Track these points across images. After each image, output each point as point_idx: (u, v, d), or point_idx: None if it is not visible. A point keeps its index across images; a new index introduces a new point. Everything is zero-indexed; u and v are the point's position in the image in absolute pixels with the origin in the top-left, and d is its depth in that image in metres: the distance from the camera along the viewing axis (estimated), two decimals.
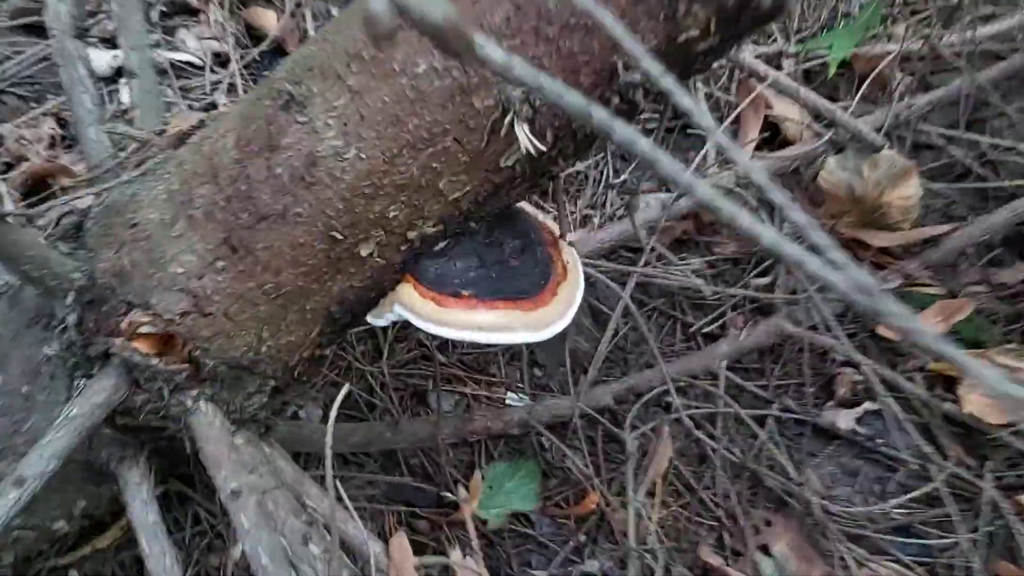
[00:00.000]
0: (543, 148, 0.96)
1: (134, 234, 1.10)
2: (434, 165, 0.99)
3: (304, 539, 1.10)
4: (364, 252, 1.08)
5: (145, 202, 1.11)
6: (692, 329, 1.88)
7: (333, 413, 1.06)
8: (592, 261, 1.78)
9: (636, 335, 1.95)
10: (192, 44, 2.36)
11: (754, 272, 1.93)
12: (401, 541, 1.28)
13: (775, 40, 2.49)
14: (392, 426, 1.66)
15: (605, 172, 2.22)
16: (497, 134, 0.96)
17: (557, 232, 1.29)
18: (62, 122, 2.10)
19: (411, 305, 1.11)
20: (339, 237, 1.05)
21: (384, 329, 1.95)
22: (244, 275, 1.08)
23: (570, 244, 1.30)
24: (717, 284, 1.95)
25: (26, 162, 1.88)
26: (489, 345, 1.96)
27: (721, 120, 2.14)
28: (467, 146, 0.98)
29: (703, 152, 2.00)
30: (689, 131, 2.36)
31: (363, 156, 1.00)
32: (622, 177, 2.22)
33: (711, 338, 1.90)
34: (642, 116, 2.35)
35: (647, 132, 2.33)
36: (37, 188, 1.90)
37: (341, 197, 1.02)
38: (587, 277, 2.00)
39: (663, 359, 1.80)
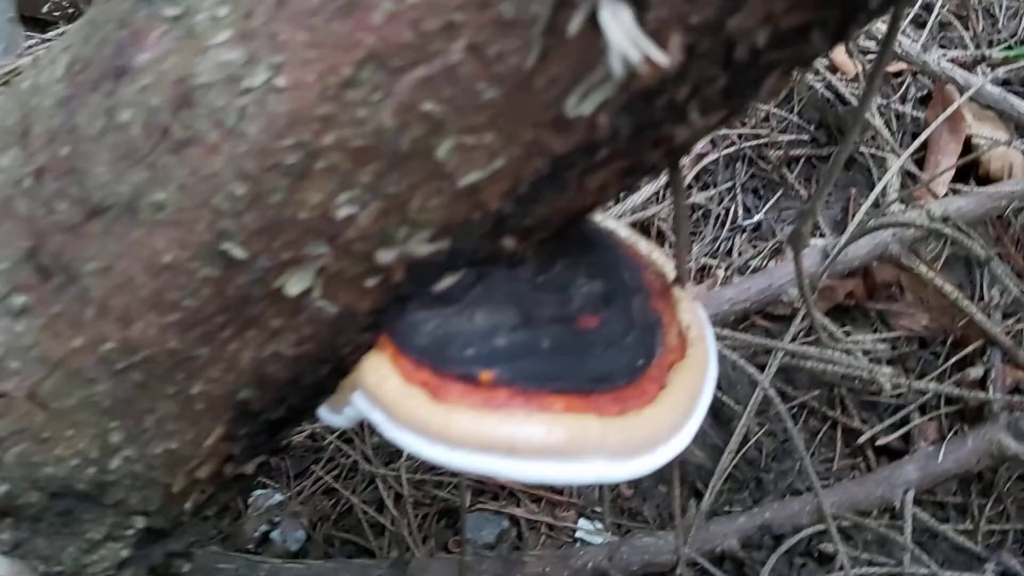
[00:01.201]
0: (666, 63, 0.43)
1: None
2: (428, 107, 0.49)
3: None
4: (293, 288, 0.57)
5: None
6: (860, 440, 1.35)
7: None
8: (720, 330, 1.22)
9: (776, 444, 1.39)
10: None
11: (955, 359, 1.34)
12: None
13: (964, 46, 1.92)
14: (398, 566, 1.13)
15: (732, 209, 1.67)
16: (560, 38, 0.45)
17: (669, 274, 0.75)
18: None
19: (382, 395, 0.58)
20: (239, 255, 0.54)
21: None
22: (65, 323, 0.60)
23: (693, 296, 0.76)
24: (899, 373, 1.35)
25: None
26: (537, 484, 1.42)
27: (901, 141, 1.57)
28: (495, 63, 0.48)
29: (882, 183, 1.43)
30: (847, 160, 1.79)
31: (283, 84, 0.50)
32: (756, 217, 1.67)
33: (889, 454, 1.45)
34: (786, 141, 1.80)
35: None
36: None
37: (240, 172, 0.53)
38: None
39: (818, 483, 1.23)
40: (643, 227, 1.64)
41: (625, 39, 0.44)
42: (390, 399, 0.60)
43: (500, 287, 0.64)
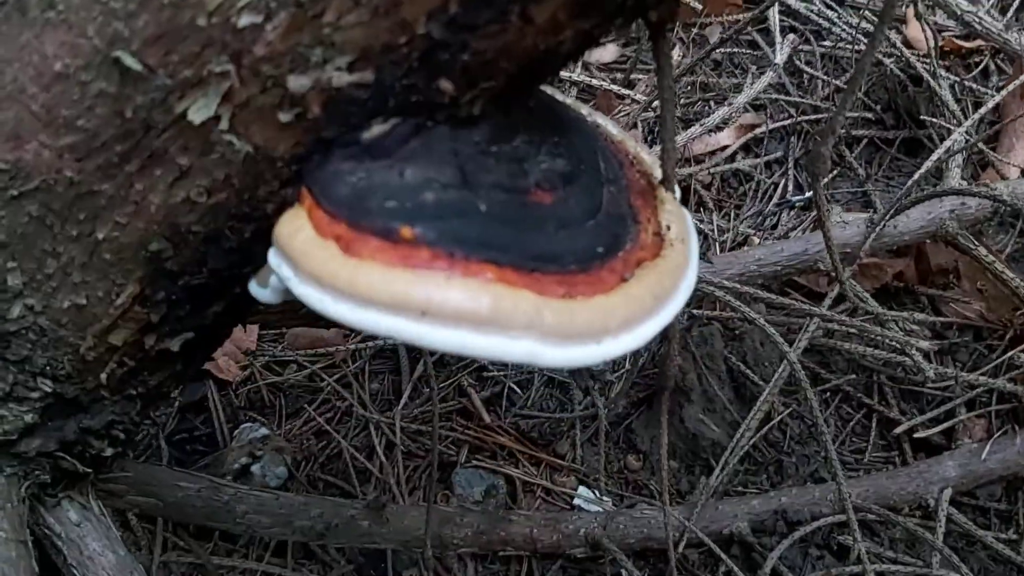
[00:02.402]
0: None
1: None
2: None
3: None
4: (197, 115, 0.51)
5: None
6: (898, 430, 1.32)
7: None
8: (741, 288, 1.13)
9: (802, 426, 1.28)
10: None
11: (1012, 353, 1.22)
12: None
13: None
14: (373, 511, 1.06)
15: (783, 182, 1.56)
16: None
17: (654, 175, 0.67)
18: None
19: (291, 247, 0.51)
20: (134, 66, 0.49)
21: (401, 350, 1.36)
22: None
23: (680, 200, 0.67)
24: (946, 364, 1.26)
25: None
26: (460, 357, 1.33)
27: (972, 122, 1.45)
28: None
29: (941, 149, 1.31)
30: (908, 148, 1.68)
31: None
32: (808, 193, 1.56)
33: (929, 448, 1.34)
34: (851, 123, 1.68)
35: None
36: None
37: None
38: (730, 323, 1.33)
39: (843, 472, 1.12)
40: (681, 189, 1.54)
41: None
42: (299, 251, 0.54)
43: (440, 145, 0.57)
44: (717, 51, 1.85)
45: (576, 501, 1.26)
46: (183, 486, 1.03)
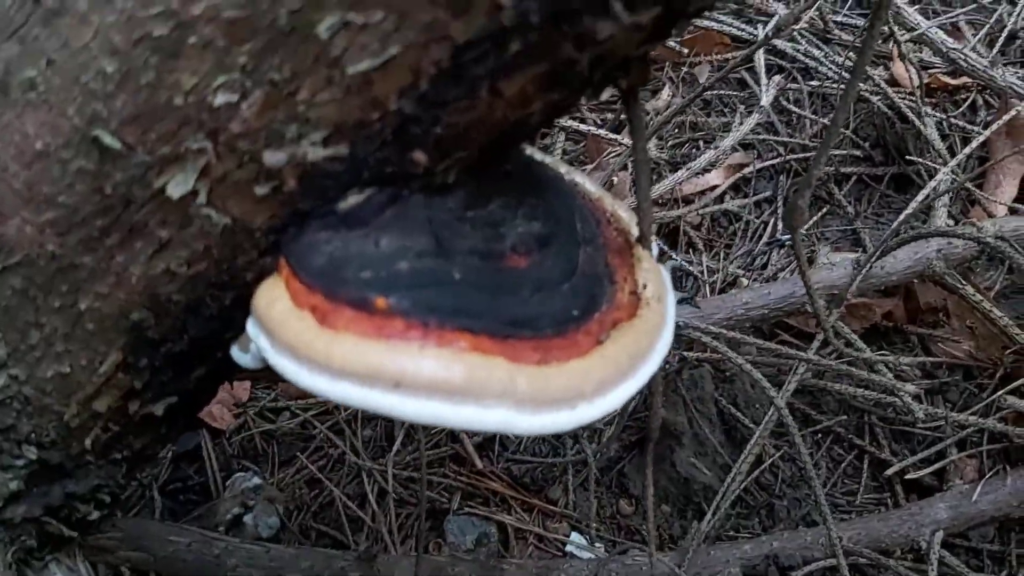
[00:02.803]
0: None
1: None
2: None
3: None
4: (175, 190, 0.52)
5: None
6: (889, 471, 1.30)
7: None
8: (728, 333, 1.13)
9: (794, 469, 1.29)
10: None
11: (1001, 392, 1.22)
12: None
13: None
14: (365, 562, 1.06)
15: (772, 221, 1.57)
16: None
17: (632, 232, 0.68)
18: None
19: (268, 318, 0.52)
20: (113, 145, 0.50)
21: None
22: None
23: (661, 256, 0.68)
24: (936, 403, 1.25)
25: None
26: (432, 427, 1.33)
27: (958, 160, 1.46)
28: None
29: (926, 190, 1.33)
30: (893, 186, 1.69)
31: None
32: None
33: (921, 489, 1.34)
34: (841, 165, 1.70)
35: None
36: None
37: (110, 46, 0.52)
38: (721, 364, 1.33)
39: (833, 515, 1.12)
40: (670, 230, 1.55)
41: None
42: (276, 322, 0.54)
43: (415, 213, 0.58)
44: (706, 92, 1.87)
45: (568, 548, 1.26)
46: (174, 540, 1.03)
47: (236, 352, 0.65)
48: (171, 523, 1.08)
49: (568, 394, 0.56)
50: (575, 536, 1.27)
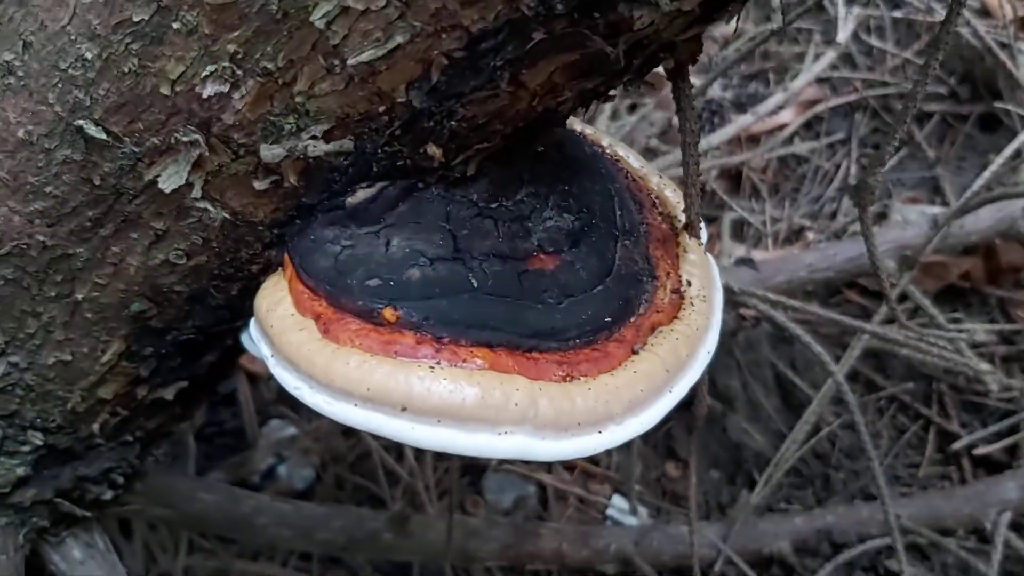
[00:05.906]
0: None
1: None
2: None
3: None
4: (167, 183, 0.48)
5: None
6: (956, 445, 1.26)
7: None
8: (788, 300, 1.07)
9: (853, 438, 1.23)
10: None
11: None
12: None
13: None
14: (397, 523, 1.05)
15: (845, 164, 1.48)
16: None
17: (678, 217, 0.62)
18: None
19: (269, 323, 0.49)
20: (97, 135, 0.46)
21: None
22: None
23: (705, 247, 0.63)
24: (1012, 373, 1.28)
25: None
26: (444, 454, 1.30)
27: None
28: None
29: (1016, 142, 1.23)
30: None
31: None
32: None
33: (990, 465, 1.26)
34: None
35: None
36: None
37: (88, 30, 0.48)
38: (780, 330, 1.26)
39: (893, 488, 1.07)
40: (732, 175, 1.47)
41: None
42: (276, 330, 0.51)
43: (432, 208, 0.53)
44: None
45: (610, 511, 1.23)
46: (202, 497, 1.03)
47: (247, 340, 0.62)
48: (199, 479, 1.08)
49: (594, 416, 0.51)
50: (617, 499, 1.24)
